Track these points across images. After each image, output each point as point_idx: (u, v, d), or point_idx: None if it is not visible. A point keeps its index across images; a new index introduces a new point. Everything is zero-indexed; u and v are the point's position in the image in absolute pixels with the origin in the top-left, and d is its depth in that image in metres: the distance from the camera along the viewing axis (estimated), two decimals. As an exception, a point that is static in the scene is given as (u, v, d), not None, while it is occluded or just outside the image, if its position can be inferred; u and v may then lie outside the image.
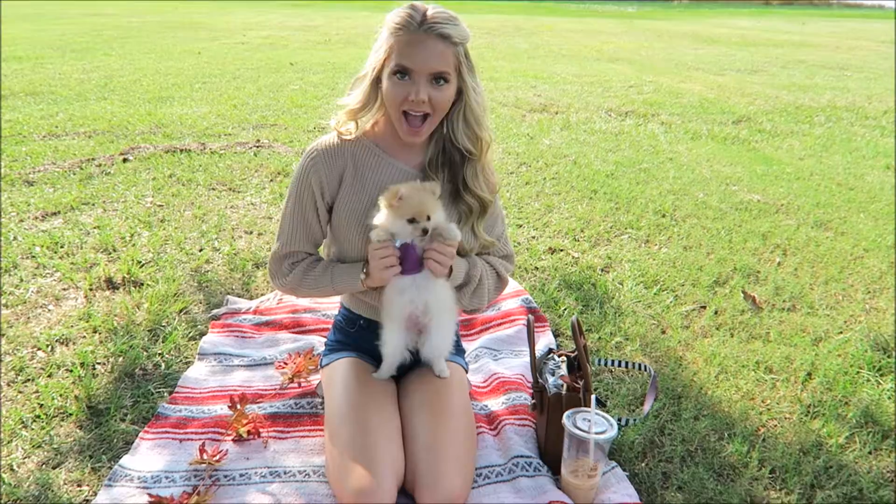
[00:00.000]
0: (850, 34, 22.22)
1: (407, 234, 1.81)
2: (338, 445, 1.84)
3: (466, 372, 2.27)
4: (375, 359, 2.09)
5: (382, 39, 1.82)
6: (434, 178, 1.92)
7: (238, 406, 2.12)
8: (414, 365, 2.09)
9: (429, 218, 1.79)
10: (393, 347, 2.00)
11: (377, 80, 1.86)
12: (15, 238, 3.57)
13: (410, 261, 1.84)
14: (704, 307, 3.14)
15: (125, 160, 5.03)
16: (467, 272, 1.98)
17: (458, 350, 2.27)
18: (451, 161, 1.95)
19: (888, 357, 2.76)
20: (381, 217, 1.82)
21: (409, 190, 1.78)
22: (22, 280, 3.13)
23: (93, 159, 5.03)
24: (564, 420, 1.92)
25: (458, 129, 1.89)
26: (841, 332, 2.97)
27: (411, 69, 1.76)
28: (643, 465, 2.12)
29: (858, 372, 2.66)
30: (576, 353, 2.13)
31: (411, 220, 1.78)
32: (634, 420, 2.17)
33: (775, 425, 2.34)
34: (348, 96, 1.93)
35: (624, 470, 2.07)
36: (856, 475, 2.09)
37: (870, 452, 2.21)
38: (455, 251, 1.87)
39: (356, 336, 2.15)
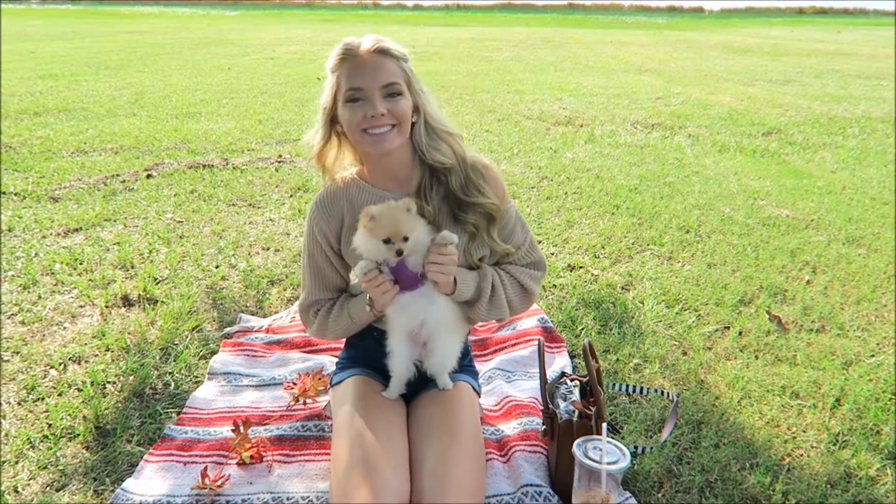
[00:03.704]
0: (887, 42, 21.72)
1: (383, 255, 1.78)
2: (342, 466, 1.79)
3: (479, 395, 2.21)
4: (385, 376, 2.05)
5: (327, 82, 1.86)
6: (422, 202, 1.89)
7: (241, 429, 2.08)
8: (424, 385, 2.04)
9: (406, 238, 1.75)
10: (398, 361, 1.97)
11: (332, 121, 1.88)
12: (36, 254, 3.62)
13: (406, 278, 1.80)
14: (728, 328, 3.04)
15: (149, 176, 5.09)
16: (478, 285, 1.93)
17: (471, 371, 2.21)
18: (440, 181, 1.92)
19: (924, 382, 2.63)
20: (358, 238, 1.81)
21: (379, 209, 1.75)
22: (40, 297, 3.16)
23: (118, 175, 5.10)
24: (574, 449, 1.84)
25: (423, 143, 1.88)
26: (873, 356, 2.83)
27: (362, 87, 1.78)
28: (659, 495, 2.03)
29: (891, 398, 2.53)
30: (588, 377, 2.06)
31: (387, 241, 1.75)
32: (651, 447, 2.09)
33: (801, 455, 2.23)
34: (309, 146, 1.96)
35: (639, 501, 1.99)
36: (887, 510, 1.98)
37: (902, 486, 2.09)
38: (456, 257, 1.82)
39: (367, 349, 2.11)
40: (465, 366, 2.18)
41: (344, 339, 2.31)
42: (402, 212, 1.76)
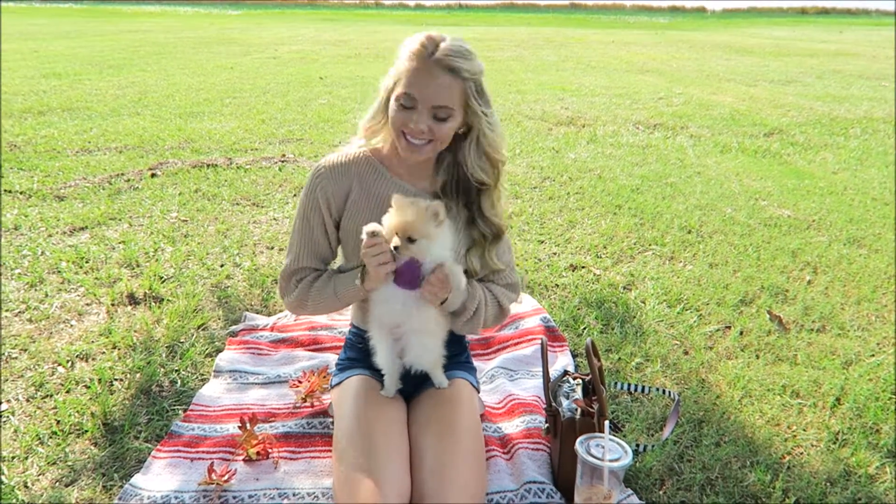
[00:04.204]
0: (889, 43, 21.71)
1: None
2: (344, 465, 1.82)
3: (478, 391, 2.23)
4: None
5: (396, 64, 1.83)
6: (448, 204, 1.90)
7: (247, 426, 2.11)
8: (424, 384, 2.06)
9: (412, 240, 1.74)
10: (382, 355, 1.98)
11: (387, 101, 1.87)
12: (42, 253, 3.64)
13: (408, 276, 1.80)
14: (729, 327, 3.06)
15: (153, 175, 5.12)
16: (464, 302, 1.95)
17: (469, 368, 2.23)
18: (466, 189, 1.94)
19: (923, 382, 2.65)
20: (384, 219, 1.81)
21: (403, 202, 1.75)
22: (47, 295, 3.19)
23: (122, 174, 5.12)
24: (577, 446, 1.86)
25: (470, 159, 1.88)
26: (873, 355, 2.86)
27: (415, 98, 1.77)
28: (661, 492, 2.05)
29: (891, 397, 2.55)
30: (590, 376, 2.08)
31: (396, 234, 1.76)
32: (652, 445, 2.11)
33: (801, 453, 2.25)
34: (365, 118, 1.97)
35: (640, 498, 2.01)
36: (886, 508, 2.00)
37: (901, 484, 2.12)
38: (452, 286, 1.82)
39: (366, 350, 2.12)
40: (463, 362, 2.20)
41: (344, 339, 2.33)
42: (423, 215, 1.74)
